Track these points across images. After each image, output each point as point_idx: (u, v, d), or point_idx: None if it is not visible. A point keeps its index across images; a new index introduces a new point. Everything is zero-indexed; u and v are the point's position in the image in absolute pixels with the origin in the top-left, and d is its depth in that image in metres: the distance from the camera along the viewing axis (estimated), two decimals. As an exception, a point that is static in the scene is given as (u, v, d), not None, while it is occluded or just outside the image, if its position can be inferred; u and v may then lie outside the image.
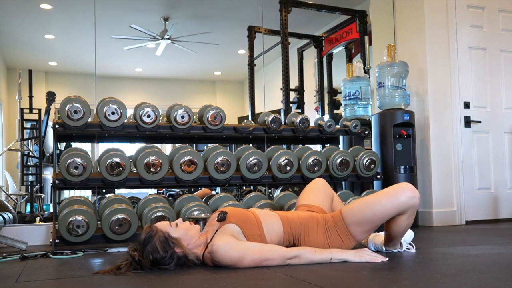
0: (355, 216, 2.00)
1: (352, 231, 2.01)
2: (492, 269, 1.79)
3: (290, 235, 2.05)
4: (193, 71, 9.20)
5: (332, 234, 2.03)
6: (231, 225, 1.95)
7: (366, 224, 2.00)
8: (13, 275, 1.92)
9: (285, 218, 2.07)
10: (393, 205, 1.95)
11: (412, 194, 1.95)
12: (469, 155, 4.02)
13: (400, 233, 2.10)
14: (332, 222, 2.05)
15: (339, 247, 2.03)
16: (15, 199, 5.53)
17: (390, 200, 1.95)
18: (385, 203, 1.96)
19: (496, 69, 4.21)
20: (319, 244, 2.03)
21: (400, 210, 1.96)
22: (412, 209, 1.98)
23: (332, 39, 5.69)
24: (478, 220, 3.99)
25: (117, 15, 6.43)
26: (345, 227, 2.02)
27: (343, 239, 2.02)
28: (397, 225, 2.04)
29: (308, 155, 3.28)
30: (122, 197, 2.96)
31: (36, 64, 8.14)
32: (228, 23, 6.78)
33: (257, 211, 2.11)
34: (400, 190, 1.97)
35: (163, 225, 1.92)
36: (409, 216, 2.01)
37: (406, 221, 2.02)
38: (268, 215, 2.08)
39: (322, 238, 2.04)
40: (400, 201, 1.94)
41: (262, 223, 2.01)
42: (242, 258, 1.83)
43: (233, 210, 2.06)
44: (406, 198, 1.94)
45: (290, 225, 2.06)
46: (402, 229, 2.06)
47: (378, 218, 1.98)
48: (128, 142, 3.54)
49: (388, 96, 3.84)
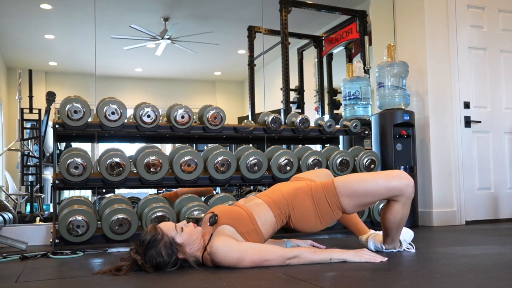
0: (348, 188, 2.01)
1: (343, 202, 2.01)
2: (492, 269, 1.79)
3: (281, 216, 2.06)
4: (193, 71, 9.20)
5: (321, 202, 2.03)
6: (224, 226, 1.94)
7: (357, 198, 2.00)
8: (13, 275, 1.92)
9: (271, 202, 2.06)
10: (386, 187, 1.98)
11: (407, 181, 1.98)
12: (469, 155, 4.02)
13: (396, 224, 2.09)
14: (321, 191, 2.04)
15: (328, 215, 2.03)
16: (15, 199, 5.53)
17: (385, 181, 1.99)
18: (380, 182, 1.99)
19: (496, 69, 4.21)
20: (309, 214, 2.03)
21: (393, 193, 1.99)
22: (404, 197, 2.00)
23: (332, 39, 5.69)
24: (478, 220, 3.99)
25: (117, 15, 6.43)
26: (336, 196, 2.02)
27: (332, 208, 2.02)
28: (392, 213, 2.04)
29: (308, 155, 3.29)
30: (122, 197, 2.96)
31: (36, 64, 8.14)
32: (228, 23, 6.78)
33: (246, 204, 2.09)
34: (396, 174, 2.01)
35: (168, 228, 1.89)
36: (403, 205, 2.02)
37: (401, 210, 2.03)
38: (257, 205, 2.06)
39: (311, 208, 2.03)
40: (394, 184, 1.97)
41: (254, 217, 2.01)
42: (242, 259, 1.83)
43: (223, 211, 2.03)
44: (400, 183, 1.97)
45: (278, 207, 2.05)
46: (397, 219, 2.06)
47: (371, 195, 1.99)
48: (128, 142, 3.54)
49: (388, 96, 3.84)
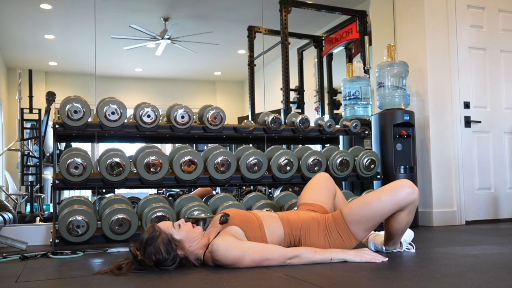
0: (355, 215, 2.00)
1: (353, 230, 2.01)
2: (492, 269, 1.79)
3: (291, 236, 2.05)
4: (193, 71, 9.19)
5: (333, 234, 2.03)
6: (233, 227, 1.95)
7: (366, 222, 2.00)
8: (13, 275, 1.92)
9: (285, 220, 2.07)
10: (392, 202, 1.95)
11: (411, 190, 1.96)
12: (469, 155, 4.02)
13: (400, 231, 2.10)
14: (332, 222, 2.05)
15: (340, 246, 2.03)
16: (15, 199, 5.53)
17: (390, 197, 1.96)
18: (384, 200, 1.96)
19: (496, 69, 4.21)
20: (320, 245, 2.03)
21: (400, 206, 1.97)
22: (411, 205, 1.98)
23: (332, 39, 5.69)
24: (478, 220, 3.99)
25: (117, 15, 6.43)
26: (345, 226, 2.02)
27: (344, 238, 2.03)
28: (397, 222, 2.04)
29: (308, 155, 3.28)
30: (122, 197, 2.96)
31: (36, 64, 8.13)
32: (228, 23, 6.77)
33: (259, 212, 2.11)
34: (399, 186, 1.98)
35: (166, 226, 1.92)
36: (409, 213, 2.01)
37: (406, 218, 2.02)
38: (270, 217, 2.08)
39: (323, 239, 2.04)
40: (400, 197, 1.95)
41: (263, 225, 2.01)
42: (242, 257, 1.83)
43: (236, 212, 2.06)
44: (406, 194, 1.95)
45: (290, 227, 2.06)
46: (402, 226, 2.06)
47: (378, 215, 1.98)
48: (128, 142, 3.54)
49: (388, 96, 3.84)
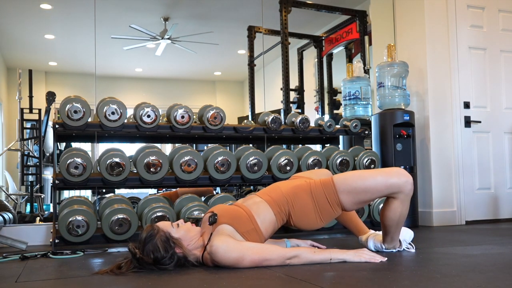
0: (347, 185, 2.02)
1: (342, 199, 2.02)
2: (492, 269, 1.79)
3: (281, 214, 2.06)
4: (193, 71, 9.20)
5: (320, 199, 2.03)
6: (223, 226, 1.94)
7: (356, 195, 2.01)
8: (13, 275, 1.92)
9: (271, 200, 2.06)
10: (386, 184, 1.98)
11: (406, 178, 1.99)
12: (469, 155, 4.02)
13: (395, 222, 2.09)
14: (321, 188, 2.05)
15: (328, 212, 2.03)
16: (15, 199, 5.54)
17: (384, 178, 1.99)
18: (379, 179, 1.99)
19: (496, 69, 4.21)
20: (308, 211, 2.03)
21: (392, 190, 1.99)
22: (403, 194, 2.00)
23: (332, 39, 5.69)
24: (478, 220, 3.99)
25: (117, 15, 6.44)
26: (335, 193, 2.02)
27: (332, 205, 2.03)
28: (391, 210, 2.05)
29: (308, 155, 3.28)
30: (122, 197, 2.96)
31: (36, 64, 8.14)
32: (228, 23, 6.78)
33: (245, 203, 2.09)
34: (394, 171, 2.03)
35: (165, 225, 1.93)
36: (402, 202, 2.03)
37: (400, 207, 2.04)
38: (256, 204, 2.06)
39: (310, 205, 2.04)
40: (393, 181, 1.98)
41: (254, 216, 2.01)
42: (242, 258, 1.83)
43: (222, 210, 2.04)
44: (399, 180, 1.98)
45: (278, 205, 2.05)
46: (396, 216, 2.06)
47: (370, 191, 2.00)
48: (128, 142, 3.54)
49: (388, 96, 3.84)
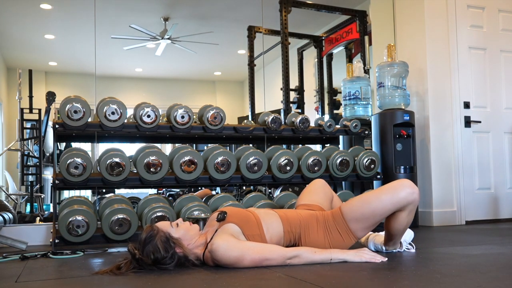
0: (354, 213, 2.01)
1: (352, 228, 2.01)
2: (492, 269, 1.79)
3: (290, 234, 2.05)
4: (193, 71, 9.19)
5: (332, 231, 2.03)
6: (230, 225, 1.95)
7: (365, 220, 2.00)
8: (13, 275, 1.92)
9: (284, 217, 2.07)
10: (392, 201, 1.95)
11: (411, 190, 1.95)
12: (469, 155, 4.02)
13: (400, 231, 2.10)
14: (332, 220, 2.05)
15: (340, 244, 2.03)
16: (15, 199, 5.53)
17: (389, 196, 1.96)
18: (384, 199, 1.96)
19: (496, 69, 4.21)
20: (319, 242, 2.03)
21: (399, 206, 1.97)
22: (411, 205, 1.98)
23: (332, 39, 5.69)
24: (478, 220, 3.99)
25: (117, 15, 6.43)
26: (345, 224, 2.02)
27: (343, 236, 2.02)
28: (397, 222, 2.04)
29: (308, 155, 3.28)
30: (122, 197, 2.96)
31: (36, 64, 8.14)
32: (228, 23, 6.77)
33: (257, 210, 2.11)
34: (399, 186, 1.98)
35: (164, 225, 1.93)
36: (409, 213, 2.01)
37: (406, 218, 2.02)
38: (268, 214, 2.08)
39: (322, 236, 2.04)
40: (400, 197, 1.95)
41: (261, 223, 2.01)
42: (242, 257, 1.83)
43: (233, 210, 2.06)
44: (406, 194, 1.95)
45: (290, 225, 2.05)
46: (402, 226, 2.06)
47: (378, 214, 1.98)
48: (128, 142, 3.54)
49: (388, 96, 3.84)
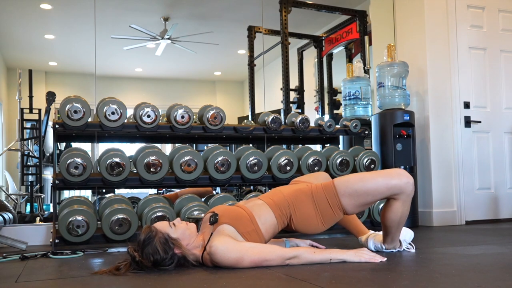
0: (348, 188, 2.02)
1: (344, 202, 2.02)
2: (492, 269, 1.79)
3: (282, 217, 2.06)
4: (193, 71, 9.20)
5: (322, 203, 2.04)
6: (224, 226, 1.94)
7: (358, 197, 2.01)
8: (13, 275, 1.92)
9: (272, 203, 2.07)
10: (387, 185, 1.99)
11: (407, 179, 1.99)
12: (469, 155, 4.02)
13: (396, 223, 2.10)
14: (322, 192, 2.05)
15: (330, 217, 2.04)
16: (15, 199, 5.53)
17: (385, 180, 2.00)
18: (380, 181, 2.00)
19: (496, 69, 4.21)
20: (310, 215, 2.04)
21: (393, 192, 2.00)
22: (404, 195, 2.01)
23: (332, 39, 5.69)
24: (478, 220, 3.99)
25: (117, 15, 6.43)
26: (336, 197, 2.03)
27: (334, 209, 2.03)
28: (392, 212, 2.05)
29: (308, 155, 3.28)
30: (122, 197, 2.96)
31: (36, 64, 8.14)
32: (228, 23, 6.78)
33: (247, 204, 2.10)
34: (395, 172, 2.04)
35: (162, 226, 1.92)
36: (403, 203, 2.03)
37: (401, 209, 2.04)
38: (257, 206, 2.07)
39: (312, 209, 2.04)
40: (394, 182, 1.98)
41: (254, 217, 2.01)
42: (241, 259, 1.83)
43: (224, 210, 2.05)
44: (400, 181, 1.99)
45: (279, 208, 2.06)
46: (397, 217, 2.07)
47: (371, 194, 2.00)
48: (128, 142, 3.54)
49: (388, 96, 3.84)
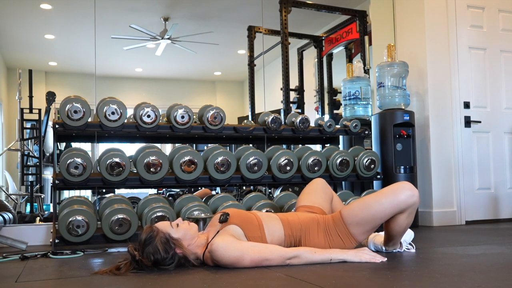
0: (355, 217, 2.01)
1: (353, 232, 2.01)
2: (492, 269, 1.79)
3: (291, 237, 2.05)
4: (193, 71, 9.19)
5: (333, 235, 2.03)
6: (233, 226, 1.95)
7: (366, 224, 2.00)
8: (13, 275, 1.92)
9: (286, 221, 2.07)
10: (392, 205, 1.95)
11: (411, 192, 1.95)
12: (469, 155, 4.01)
13: (400, 233, 2.10)
14: (332, 223, 2.05)
15: (340, 247, 2.03)
16: (15, 199, 5.53)
17: (390, 199, 1.95)
18: (384, 202, 1.96)
19: (496, 69, 4.21)
20: (320, 246, 2.03)
21: (400, 209, 1.97)
22: (411, 208, 1.98)
23: (332, 39, 5.69)
24: (478, 220, 3.99)
25: (117, 15, 6.43)
26: (345, 228, 2.02)
27: (344, 240, 2.03)
28: (397, 224, 2.04)
29: (308, 155, 3.28)
30: (122, 197, 2.96)
31: (36, 64, 8.14)
32: (228, 23, 6.77)
33: (259, 213, 2.12)
34: (399, 189, 1.97)
35: (164, 226, 1.92)
36: (409, 215, 2.01)
37: (406, 220, 2.02)
38: (270, 217, 2.08)
39: (323, 240, 2.04)
40: (400, 200, 1.94)
41: (263, 225, 2.01)
42: (242, 257, 1.83)
43: (235, 212, 2.06)
44: (406, 197, 1.94)
45: (291, 228, 2.05)
46: (402, 228, 2.06)
47: (378, 218, 1.98)
48: (128, 142, 3.54)
49: (388, 96, 3.84)
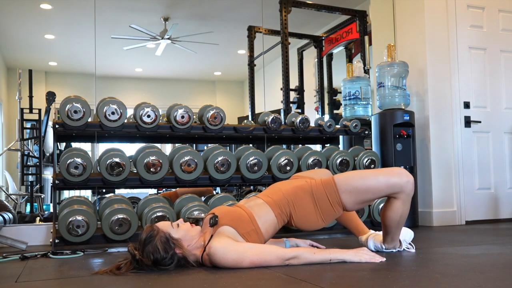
0: (348, 185, 2.02)
1: (343, 199, 2.02)
2: (492, 269, 1.79)
3: (282, 215, 2.06)
4: (193, 71, 9.20)
5: (322, 200, 2.03)
6: (225, 227, 1.94)
7: (358, 194, 2.02)
8: (13, 275, 1.92)
9: (272, 202, 2.07)
10: (387, 183, 1.99)
11: (407, 178, 2.00)
12: (469, 155, 4.02)
13: (395, 222, 2.10)
14: (322, 188, 2.05)
15: (330, 213, 2.04)
16: (15, 199, 5.53)
17: (385, 177, 2.00)
18: (380, 179, 2.00)
19: (496, 69, 4.21)
20: (310, 213, 2.04)
21: (393, 190, 2.00)
22: (405, 194, 2.01)
23: (332, 39, 5.69)
24: (478, 220, 3.99)
25: (117, 15, 6.44)
26: (336, 193, 2.02)
27: (333, 206, 2.03)
28: (392, 211, 2.05)
29: (308, 155, 3.28)
30: (122, 197, 2.96)
31: (36, 64, 8.14)
32: (228, 23, 6.78)
33: (246, 204, 2.10)
34: (396, 171, 2.04)
35: (164, 225, 1.92)
36: (403, 202, 2.03)
37: (401, 208, 2.04)
38: (258, 206, 2.07)
39: (311, 206, 2.04)
40: (395, 181, 1.99)
41: (254, 217, 2.01)
42: (241, 259, 1.83)
43: (224, 211, 2.04)
44: (400, 179, 1.99)
45: (279, 206, 2.05)
46: (397, 217, 2.07)
47: (371, 192, 2.00)
48: (128, 142, 3.54)
49: (388, 96, 3.84)
